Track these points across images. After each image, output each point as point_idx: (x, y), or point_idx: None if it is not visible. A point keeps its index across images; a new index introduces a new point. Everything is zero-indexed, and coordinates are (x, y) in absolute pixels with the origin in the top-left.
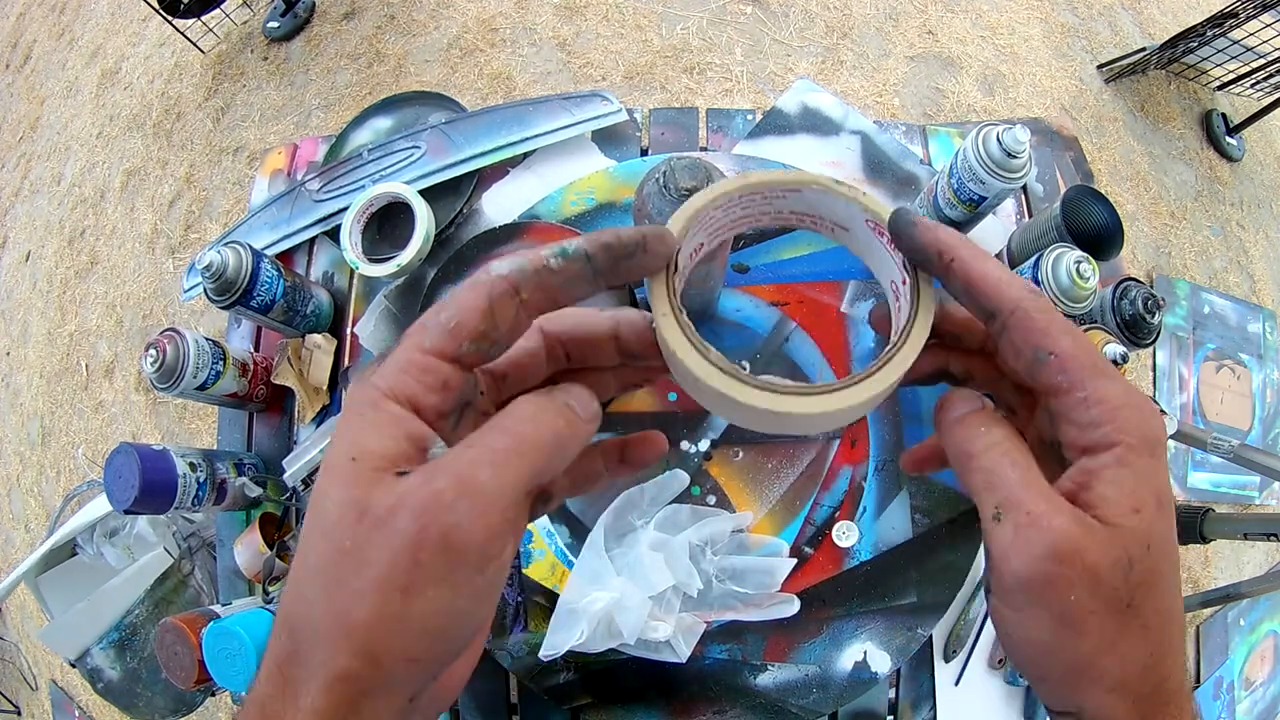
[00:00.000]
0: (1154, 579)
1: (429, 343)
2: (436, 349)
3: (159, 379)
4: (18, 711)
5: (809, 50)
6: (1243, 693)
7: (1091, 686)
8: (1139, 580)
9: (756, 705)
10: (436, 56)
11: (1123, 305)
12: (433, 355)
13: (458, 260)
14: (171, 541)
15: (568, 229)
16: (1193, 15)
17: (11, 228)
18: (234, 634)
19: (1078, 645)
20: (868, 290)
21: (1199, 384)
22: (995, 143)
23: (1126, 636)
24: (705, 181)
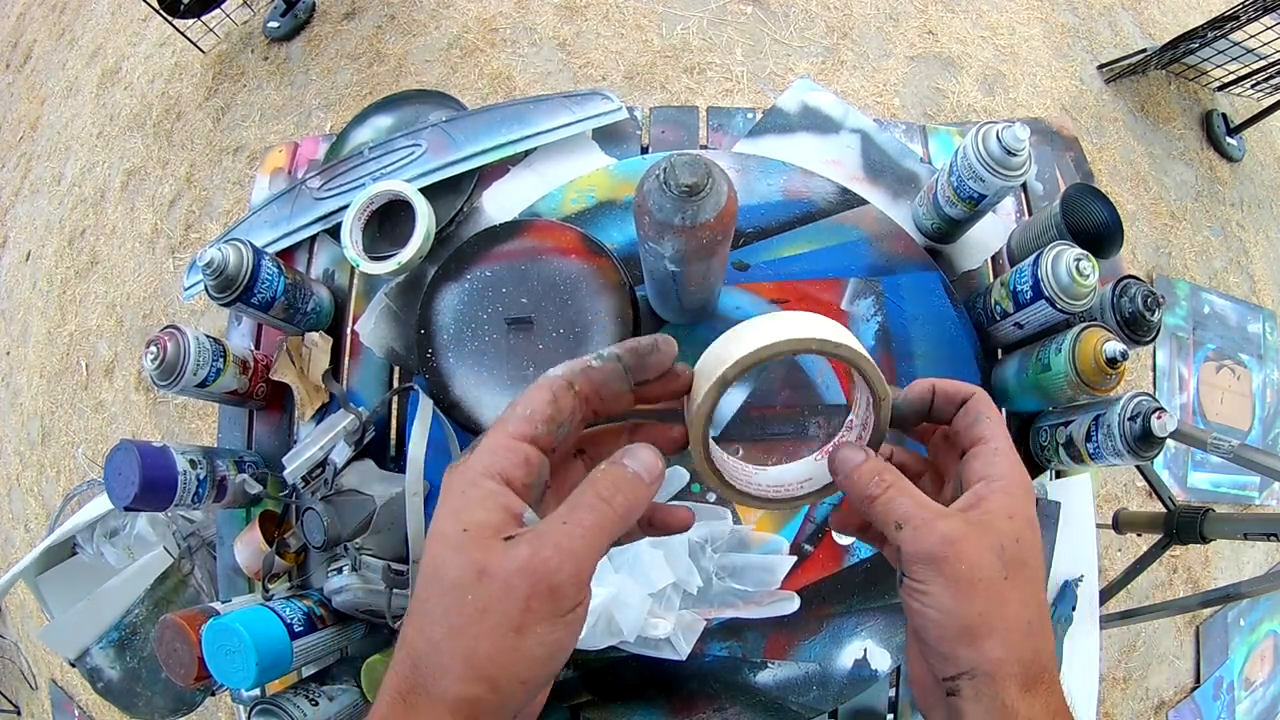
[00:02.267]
0: (1023, 565)
1: (512, 429)
2: (519, 434)
3: (159, 376)
4: (18, 711)
5: (809, 50)
6: (1243, 693)
7: (984, 641)
8: (1011, 559)
9: (756, 703)
10: (437, 56)
11: (1122, 303)
12: (516, 439)
13: (458, 258)
14: (171, 541)
15: (567, 226)
16: (1193, 16)
17: (11, 228)
18: (233, 631)
19: (971, 604)
20: (867, 288)
21: (1199, 384)
22: (995, 141)
23: (1008, 602)
24: (705, 179)
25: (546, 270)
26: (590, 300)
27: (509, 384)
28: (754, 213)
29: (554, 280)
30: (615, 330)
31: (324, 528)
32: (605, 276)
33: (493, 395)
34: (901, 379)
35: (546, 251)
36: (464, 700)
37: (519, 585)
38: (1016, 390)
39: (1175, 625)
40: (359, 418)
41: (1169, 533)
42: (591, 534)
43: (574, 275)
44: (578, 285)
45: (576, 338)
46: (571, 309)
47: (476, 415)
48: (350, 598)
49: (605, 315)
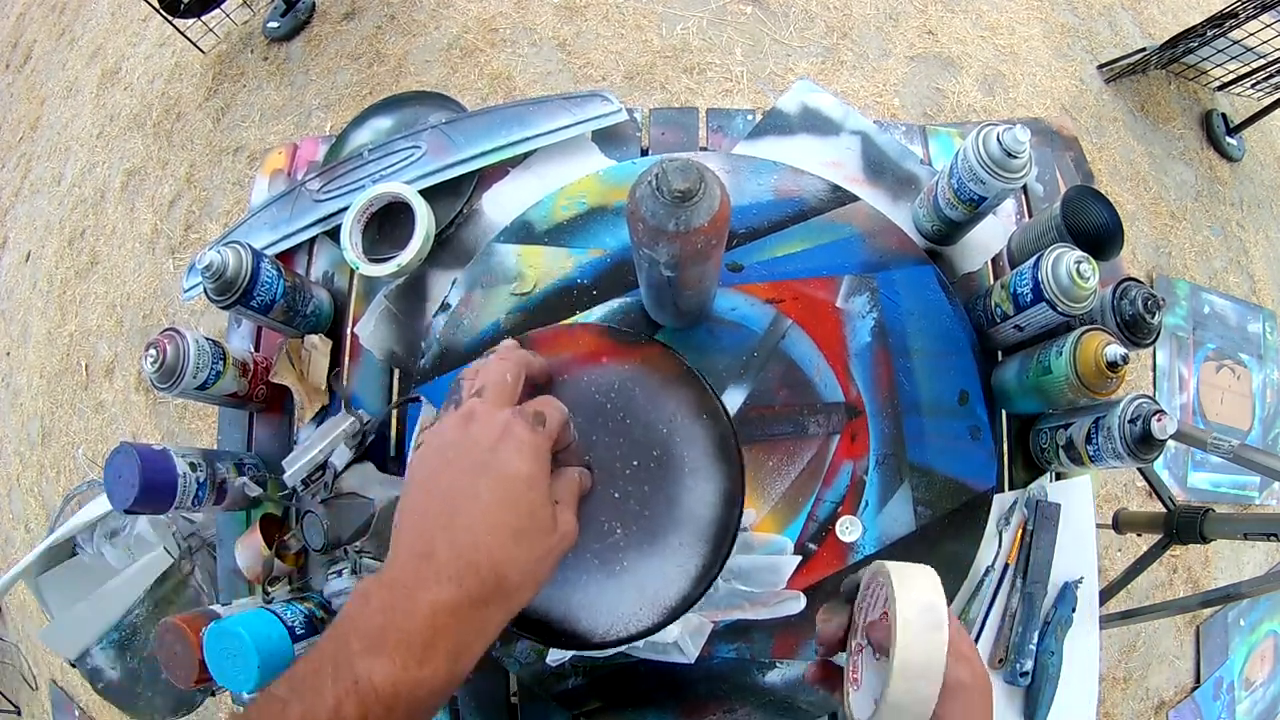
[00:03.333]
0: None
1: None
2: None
3: (159, 379)
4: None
5: (809, 50)
6: (1243, 693)
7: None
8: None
9: (766, 703)
10: (437, 56)
11: (1123, 305)
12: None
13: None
14: (171, 541)
15: (581, 327)
16: (1193, 15)
17: (11, 228)
18: (234, 634)
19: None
20: (862, 284)
21: (1199, 384)
22: (995, 143)
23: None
24: (698, 183)
25: (580, 395)
26: (653, 406)
27: (590, 559)
28: (746, 213)
29: (595, 403)
30: (704, 430)
31: (324, 530)
32: (658, 368)
33: (574, 586)
34: (899, 375)
35: (568, 368)
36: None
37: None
38: (1017, 392)
39: (1175, 625)
40: (360, 420)
41: (1169, 533)
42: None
43: (618, 385)
44: (628, 392)
45: (660, 461)
46: (635, 429)
47: (573, 621)
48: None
49: (683, 416)
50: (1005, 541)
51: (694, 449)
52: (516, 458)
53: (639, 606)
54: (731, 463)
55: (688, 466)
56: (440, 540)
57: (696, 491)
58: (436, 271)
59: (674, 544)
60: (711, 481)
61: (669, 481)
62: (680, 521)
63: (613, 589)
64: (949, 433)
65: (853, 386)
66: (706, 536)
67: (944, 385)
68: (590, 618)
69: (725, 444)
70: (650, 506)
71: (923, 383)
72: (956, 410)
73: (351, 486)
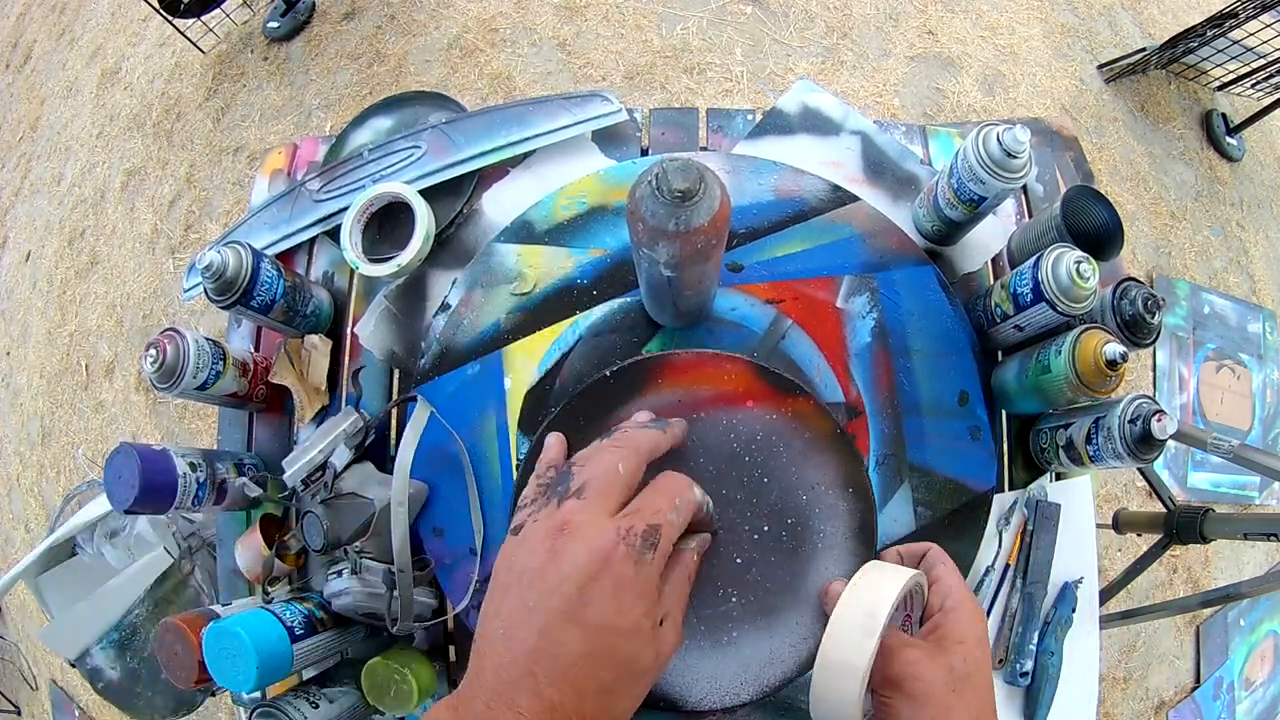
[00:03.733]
0: (968, 678)
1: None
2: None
3: (159, 379)
4: (18, 711)
5: (809, 50)
6: (1243, 693)
7: None
8: (959, 676)
9: (766, 704)
10: (436, 56)
11: (1123, 305)
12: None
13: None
14: (171, 541)
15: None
16: (1193, 15)
17: (11, 228)
18: (234, 634)
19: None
20: (862, 285)
21: (1199, 384)
22: (995, 143)
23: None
24: (698, 183)
25: (715, 438)
26: (796, 468)
27: (697, 625)
28: (746, 213)
29: (731, 452)
30: (848, 506)
31: (324, 531)
32: (808, 425)
33: (684, 650)
34: (899, 375)
35: (704, 405)
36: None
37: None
38: (1016, 392)
39: (1175, 625)
40: (363, 419)
41: (1169, 533)
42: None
43: (760, 437)
44: (771, 448)
45: (792, 531)
46: (771, 490)
47: (665, 684)
48: (350, 601)
49: (827, 486)
50: (1005, 541)
51: (832, 525)
52: (613, 606)
53: (740, 682)
54: (869, 546)
55: (822, 543)
56: (523, 688)
57: (826, 573)
58: (436, 271)
59: (791, 623)
60: (844, 564)
61: (799, 557)
62: (803, 601)
63: (715, 658)
64: (949, 433)
65: (852, 386)
66: (826, 620)
67: (944, 385)
68: (684, 683)
69: (865, 525)
70: (773, 580)
71: (923, 383)
72: (956, 410)
73: (351, 486)
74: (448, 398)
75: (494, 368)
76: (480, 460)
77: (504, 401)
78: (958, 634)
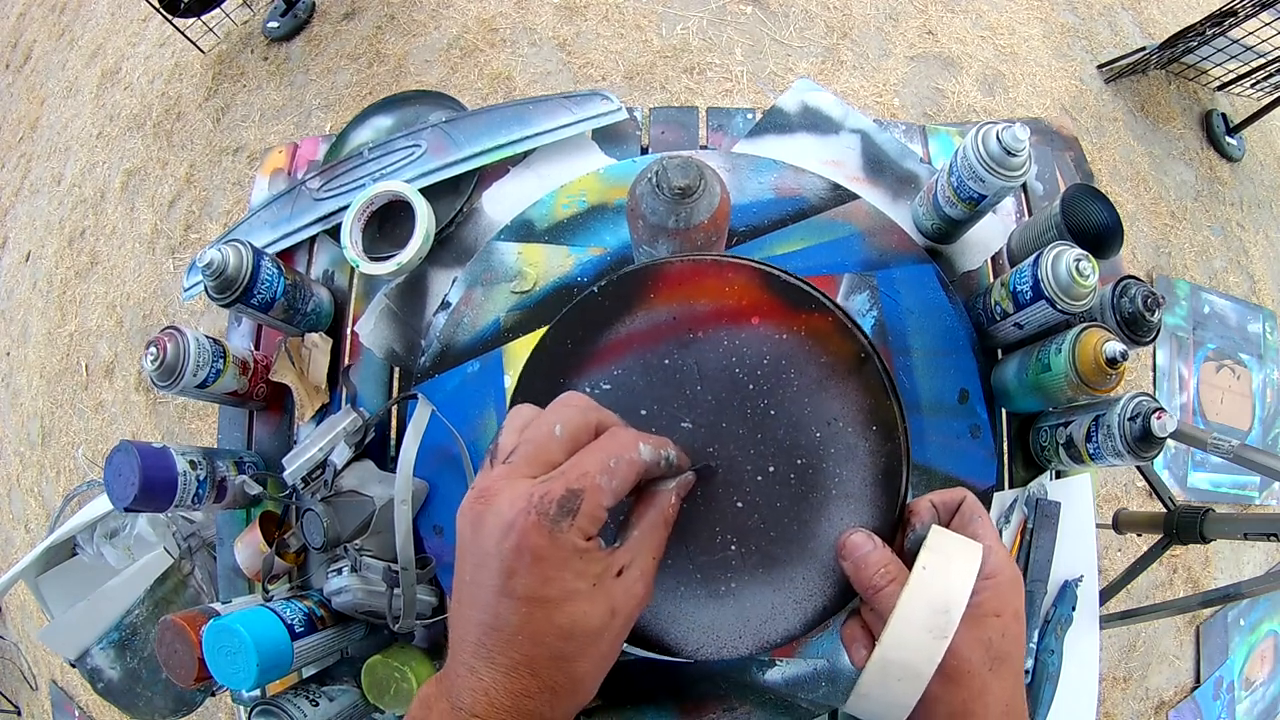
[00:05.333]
0: (1006, 657)
1: (606, 501)
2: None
3: (159, 377)
4: (18, 711)
5: (809, 50)
6: (1243, 693)
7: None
8: (996, 655)
9: (766, 701)
10: (436, 56)
11: (1122, 303)
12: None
13: (551, 361)
14: (171, 541)
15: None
16: (1193, 15)
17: (11, 228)
18: (234, 632)
19: (957, 693)
20: (862, 283)
21: (1199, 384)
22: (995, 141)
23: (989, 690)
24: (698, 180)
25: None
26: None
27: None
28: (746, 211)
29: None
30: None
31: (324, 529)
32: (829, 346)
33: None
34: (900, 373)
35: (705, 321)
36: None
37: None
38: (1016, 390)
39: (1175, 625)
40: (362, 417)
41: (1169, 533)
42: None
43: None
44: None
45: (801, 474)
46: (779, 425)
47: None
48: (350, 599)
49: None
50: (1005, 540)
51: (850, 468)
52: (536, 578)
53: (738, 634)
54: (894, 496)
55: (836, 489)
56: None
57: (840, 524)
58: (437, 270)
59: (795, 577)
60: (862, 515)
61: (808, 504)
62: (811, 554)
63: (711, 608)
64: (949, 431)
65: None
66: (838, 578)
67: (944, 384)
68: (680, 632)
69: (891, 471)
70: (778, 528)
71: (923, 381)
72: (956, 409)
73: (351, 484)
74: (448, 396)
75: (494, 366)
76: (481, 458)
77: (504, 399)
78: (996, 605)
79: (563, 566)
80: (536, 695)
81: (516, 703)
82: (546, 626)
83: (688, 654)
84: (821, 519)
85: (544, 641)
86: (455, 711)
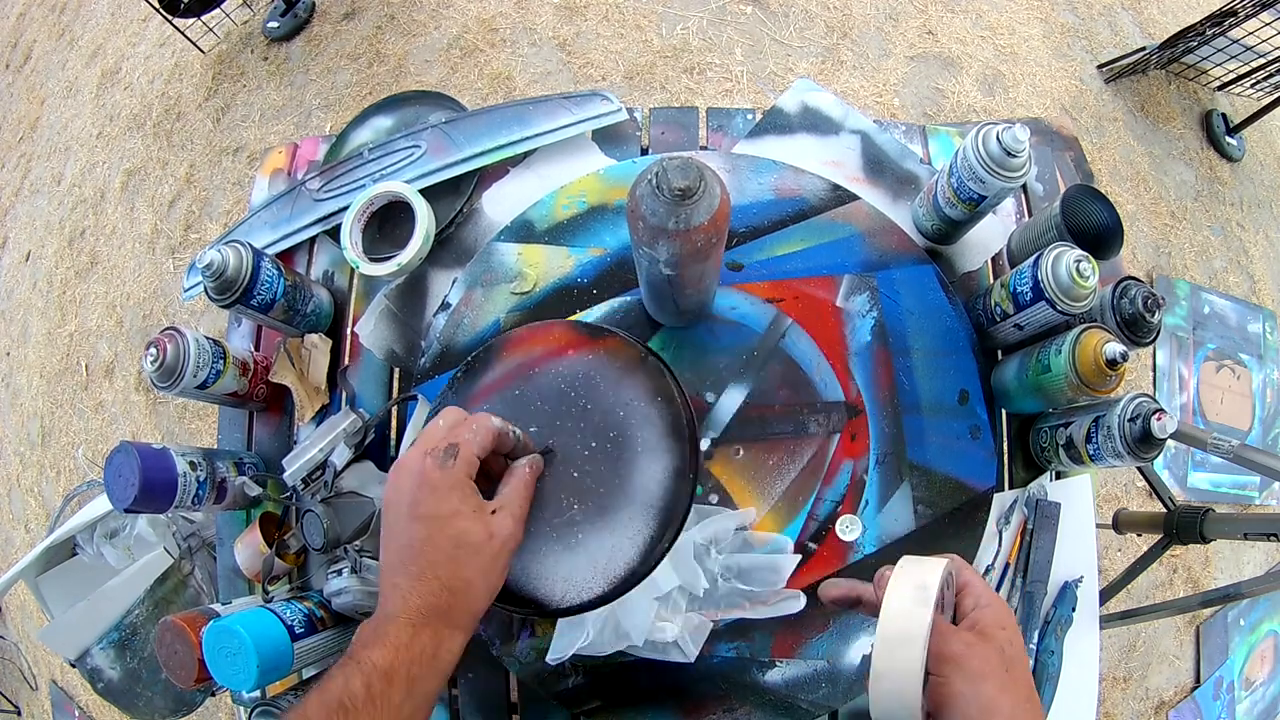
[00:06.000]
0: (1017, 659)
1: (476, 450)
2: (480, 452)
3: (159, 378)
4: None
5: (809, 50)
6: (1243, 693)
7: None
8: (1010, 659)
9: (766, 702)
10: (436, 56)
11: (1122, 304)
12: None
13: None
14: (171, 541)
15: (545, 324)
16: (1192, 15)
17: (11, 228)
18: (234, 633)
19: (982, 690)
20: (862, 284)
21: (1199, 384)
22: (995, 142)
23: (1010, 687)
24: (698, 181)
25: (547, 384)
26: (612, 392)
27: (550, 534)
28: (746, 212)
29: (560, 391)
30: (658, 411)
31: (324, 530)
32: (618, 358)
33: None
34: (899, 374)
35: (538, 362)
36: (481, 613)
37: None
38: (1017, 391)
39: (1175, 625)
40: (361, 419)
41: (1169, 533)
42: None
43: (581, 374)
44: (590, 381)
45: (615, 442)
46: (595, 414)
47: (531, 589)
48: (350, 599)
49: (639, 400)
50: (1005, 541)
51: (648, 430)
52: (432, 500)
53: (591, 577)
54: (683, 440)
55: (641, 446)
56: (401, 576)
57: (648, 470)
58: (436, 271)
59: (624, 519)
60: (662, 460)
61: (623, 461)
62: (631, 497)
63: (568, 560)
64: (949, 432)
65: (853, 385)
66: (656, 510)
67: (944, 384)
68: (548, 587)
69: (678, 424)
70: (605, 484)
71: (923, 382)
72: (956, 409)
73: (351, 485)
74: None
75: None
76: None
77: None
78: (998, 620)
79: (450, 492)
80: (439, 593)
81: (425, 600)
82: (441, 537)
83: (555, 605)
84: (635, 470)
85: (441, 547)
86: (382, 617)
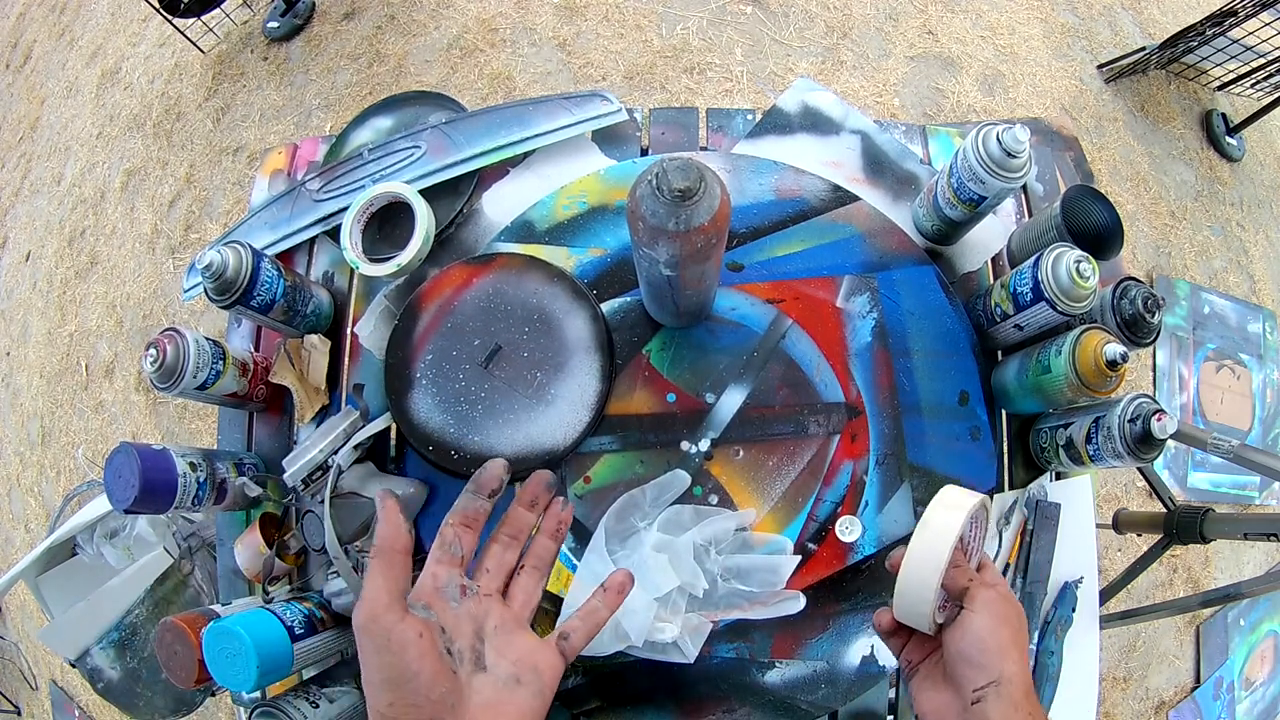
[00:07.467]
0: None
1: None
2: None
3: (159, 379)
4: (18, 711)
5: (809, 50)
6: (1243, 693)
7: (1011, 656)
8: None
9: (766, 703)
10: (436, 57)
11: (1123, 305)
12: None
13: (420, 301)
14: (171, 541)
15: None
16: (1193, 15)
17: (11, 228)
18: (234, 633)
19: (1002, 631)
20: (862, 284)
21: (1199, 384)
22: (995, 142)
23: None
24: (698, 182)
25: (469, 308)
26: (546, 303)
27: (535, 401)
28: (746, 213)
29: (481, 308)
30: (559, 287)
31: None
32: (509, 268)
33: (475, 428)
34: (899, 375)
35: (454, 298)
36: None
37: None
38: (1016, 392)
39: (1175, 625)
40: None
41: (1169, 533)
42: None
43: (491, 289)
44: (501, 291)
45: (541, 320)
46: (517, 308)
47: (541, 448)
48: (350, 600)
49: (538, 285)
50: (1005, 541)
51: (559, 301)
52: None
53: (579, 412)
54: (582, 295)
55: (560, 314)
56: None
57: (574, 325)
58: (437, 271)
59: (576, 363)
60: (580, 315)
61: (553, 330)
62: (574, 348)
63: (555, 412)
64: (949, 433)
65: (853, 386)
66: (594, 347)
67: (944, 385)
68: (552, 438)
69: (575, 288)
70: (550, 350)
71: (923, 383)
72: (956, 410)
73: (351, 486)
74: None
75: None
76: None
77: None
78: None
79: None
80: None
81: None
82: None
83: (563, 448)
84: (565, 330)
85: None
86: None
